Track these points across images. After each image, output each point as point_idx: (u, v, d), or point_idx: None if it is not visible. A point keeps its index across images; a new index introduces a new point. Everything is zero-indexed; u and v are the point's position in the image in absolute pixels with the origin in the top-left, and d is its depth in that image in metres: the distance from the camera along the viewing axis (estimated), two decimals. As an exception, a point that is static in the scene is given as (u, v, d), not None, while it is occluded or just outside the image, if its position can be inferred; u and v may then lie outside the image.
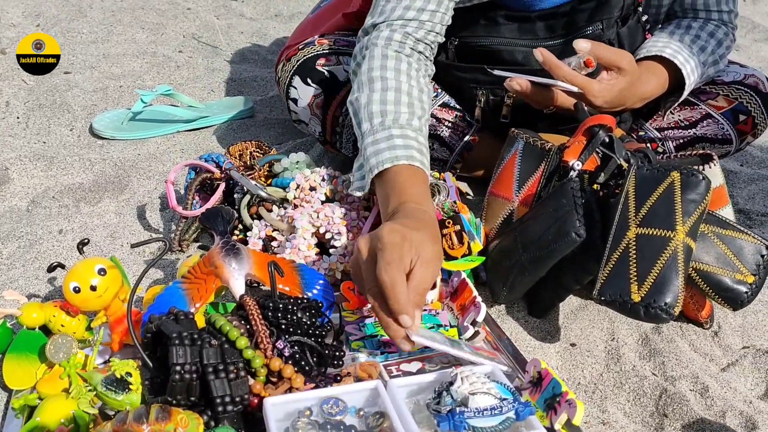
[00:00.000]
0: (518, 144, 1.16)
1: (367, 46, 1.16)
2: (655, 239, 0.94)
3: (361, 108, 1.10)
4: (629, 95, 1.20)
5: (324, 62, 1.34)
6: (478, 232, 1.15)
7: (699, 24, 1.34)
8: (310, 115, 1.36)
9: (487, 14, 1.30)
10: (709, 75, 1.33)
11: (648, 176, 0.99)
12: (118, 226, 1.28)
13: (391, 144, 1.04)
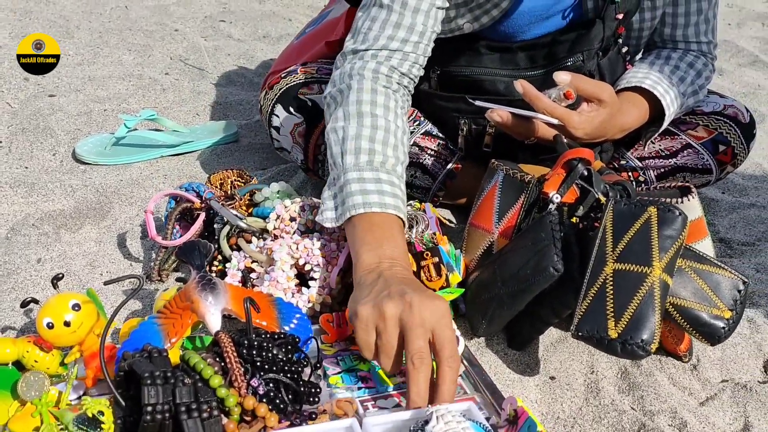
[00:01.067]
0: (498, 176, 1.16)
1: (352, 75, 1.14)
2: (632, 275, 0.94)
3: (348, 139, 1.07)
4: (609, 127, 1.20)
5: (306, 91, 1.34)
6: (458, 263, 1.15)
7: (678, 54, 1.35)
8: (292, 144, 1.36)
9: (470, 44, 1.31)
10: (688, 105, 1.34)
11: (625, 211, 0.99)
12: (97, 254, 1.27)
13: (380, 189, 1.02)
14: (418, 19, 1.16)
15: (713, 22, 1.36)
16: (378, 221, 1.00)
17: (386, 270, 0.93)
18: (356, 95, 1.11)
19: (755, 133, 1.39)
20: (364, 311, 0.87)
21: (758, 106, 2.17)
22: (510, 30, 1.29)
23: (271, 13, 2.83)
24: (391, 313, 0.85)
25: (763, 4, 3.43)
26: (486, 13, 1.25)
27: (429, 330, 0.84)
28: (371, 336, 0.87)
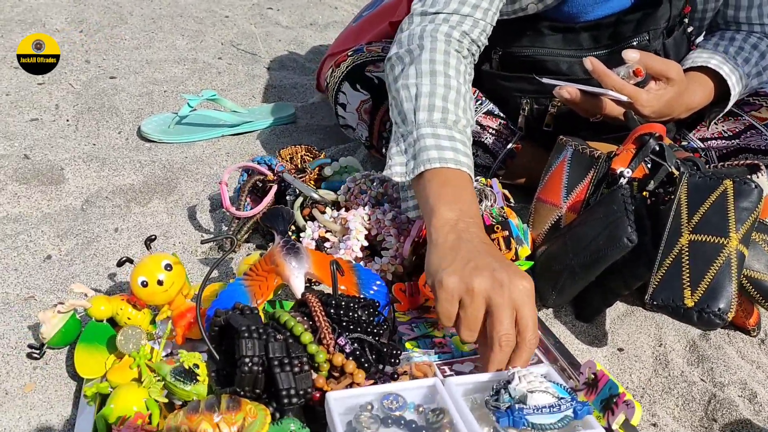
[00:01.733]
0: (567, 151, 1.18)
1: (423, 36, 1.12)
2: (708, 246, 0.95)
3: (422, 96, 1.05)
4: (676, 105, 1.21)
5: (373, 68, 1.36)
6: (526, 237, 1.16)
7: (743, 36, 1.35)
8: (357, 120, 1.38)
9: (532, 25, 1.32)
10: (752, 86, 1.34)
11: (700, 184, 1.01)
12: (170, 225, 1.31)
13: (454, 146, 1.02)
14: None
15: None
16: (452, 177, 0.99)
17: (464, 231, 0.92)
18: (429, 54, 1.09)
19: (820, 113, 1.39)
20: (450, 282, 0.85)
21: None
22: (574, 10, 1.30)
23: (318, 1, 2.86)
24: (481, 288, 0.83)
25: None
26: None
27: (515, 310, 0.84)
28: (454, 307, 0.86)
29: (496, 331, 0.83)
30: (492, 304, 0.83)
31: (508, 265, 0.87)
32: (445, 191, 0.97)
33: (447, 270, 0.86)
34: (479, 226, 0.95)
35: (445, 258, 0.89)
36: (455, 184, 0.99)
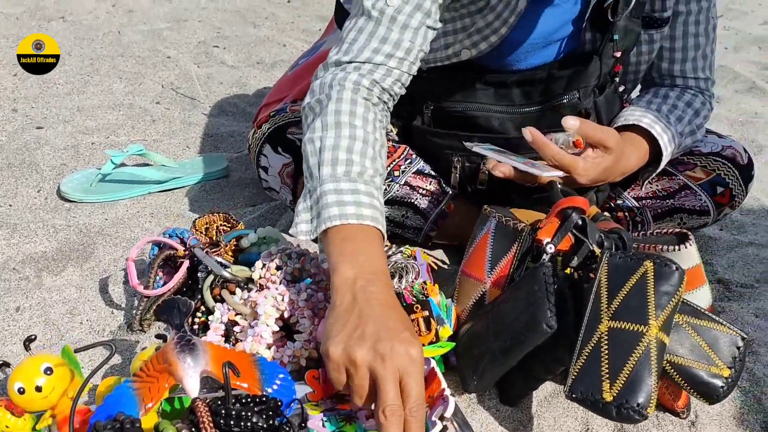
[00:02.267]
0: (490, 223, 1.13)
1: (332, 85, 1.09)
2: (628, 334, 0.91)
3: (326, 150, 1.03)
4: (612, 171, 1.18)
5: (295, 130, 1.31)
6: (449, 314, 1.11)
7: (676, 93, 1.32)
8: (280, 184, 1.33)
9: (464, 78, 1.29)
10: (686, 145, 1.31)
11: (621, 265, 0.96)
12: (78, 301, 1.24)
13: (357, 200, 0.98)
14: (405, 36, 1.13)
15: (711, 58, 1.34)
16: (354, 233, 0.96)
17: (362, 290, 0.89)
18: (335, 105, 1.07)
19: (753, 174, 1.36)
20: (335, 352, 0.84)
21: (755, 135, 2.14)
22: (507, 58, 1.27)
23: (266, 39, 2.81)
24: (363, 360, 0.83)
25: (760, 27, 3.42)
26: (485, 39, 1.22)
27: (399, 379, 0.82)
28: (342, 375, 0.85)
29: (381, 402, 0.81)
30: (375, 376, 0.82)
31: (396, 333, 0.85)
32: (345, 248, 0.95)
33: (334, 339, 0.85)
34: (382, 282, 0.92)
35: (336, 323, 0.87)
36: (357, 239, 0.96)
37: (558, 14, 1.21)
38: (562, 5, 1.21)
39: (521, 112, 1.27)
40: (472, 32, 1.21)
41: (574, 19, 1.22)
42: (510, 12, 1.17)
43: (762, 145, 2.06)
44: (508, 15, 1.18)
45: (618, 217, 1.39)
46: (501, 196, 1.31)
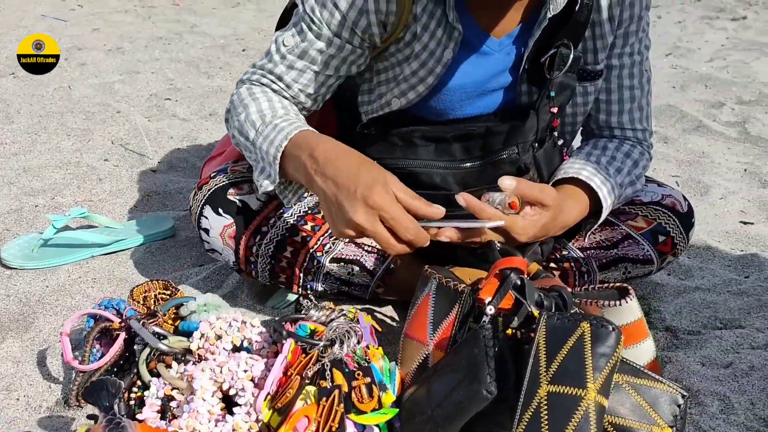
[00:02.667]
0: (431, 284, 1.13)
1: (244, 87, 1.23)
2: (566, 398, 0.90)
3: (243, 124, 1.17)
4: (551, 227, 1.18)
5: (236, 191, 1.30)
6: (393, 378, 1.10)
7: (615, 144, 1.34)
8: (222, 245, 1.31)
9: (404, 135, 1.29)
10: (627, 195, 1.33)
11: (558, 326, 0.96)
12: (15, 376, 1.20)
13: (279, 128, 1.12)
14: (289, 74, 1.21)
15: (647, 110, 1.36)
16: (292, 148, 1.10)
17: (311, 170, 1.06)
18: (236, 98, 1.23)
19: (694, 222, 1.38)
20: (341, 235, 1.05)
21: (701, 175, 2.18)
22: (441, 107, 1.27)
23: (219, 89, 2.81)
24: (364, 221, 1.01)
25: (706, 65, 3.50)
26: (412, 88, 1.23)
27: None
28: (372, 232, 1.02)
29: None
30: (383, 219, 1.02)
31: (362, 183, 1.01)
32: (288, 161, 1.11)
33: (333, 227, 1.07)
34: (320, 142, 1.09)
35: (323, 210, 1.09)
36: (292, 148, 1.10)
37: (490, 64, 1.23)
38: (494, 54, 1.22)
39: (462, 168, 1.27)
40: (400, 81, 1.22)
41: (509, 69, 1.24)
42: (436, 62, 1.19)
43: (708, 186, 2.09)
44: (434, 65, 1.19)
45: (564, 268, 1.40)
46: (447, 253, 1.30)
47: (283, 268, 1.31)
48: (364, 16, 1.16)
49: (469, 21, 1.19)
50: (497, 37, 1.21)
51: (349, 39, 1.18)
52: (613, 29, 1.25)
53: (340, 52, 1.19)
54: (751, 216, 1.95)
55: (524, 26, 1.22)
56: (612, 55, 1.29)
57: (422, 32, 1.18)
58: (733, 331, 1.38)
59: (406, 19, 1.17)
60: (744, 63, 3.50)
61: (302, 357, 1.06)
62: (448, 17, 1.16)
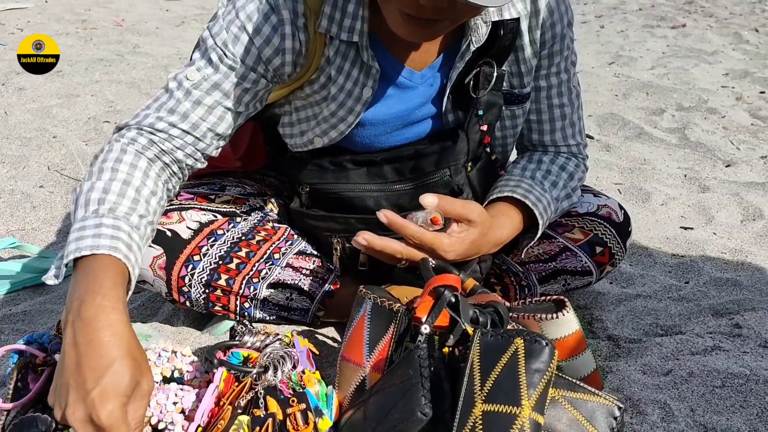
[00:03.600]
0: (366, 305, 1.11)
1: (110, 142, 1.11)
2: (501, 417, 0.89)
3: (81, 195, 1.02)
4: (483, 243, 1.17)
5: (165, 220, 1.26)
6: (330, 403, 1.07)
7: (550, 158, 1.34)
8: (153, 277, 1.27)
9: (334, 159, 1.27)
10: (563, 208, 1.33)
11: (492, 344, 0.95)
12: (-65, 419, 1.14)
13: (98, 232, 0.95)
14: (196, 111, 1.13)
15: (579, 125, 1.36)
16: (90, 264, 0.93)
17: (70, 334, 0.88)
18: (103, 156, 1.08)
19: (630, 230, 1.39)
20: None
21: (643, 182, 2.21)
22: (367, 140, 1.26)
23: (160, 110, 2.76)
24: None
25: (647, 72, 3.57)
26: (334, 128, 1.22)
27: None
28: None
29: None
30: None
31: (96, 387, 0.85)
32: (78, 279, 0.93)
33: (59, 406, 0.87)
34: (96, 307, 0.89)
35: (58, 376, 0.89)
36: (89, 268, 0.93)
37: (413, 96, 1.22)
38: (417, 87, 1.21)
39: (395, 190, 1.26)
40: (321, 121, 1.21)
41: (433, 99, 1.23)
42: (355, 101, 1.17)
43: (649, 193, 2.12)
44: (353, 104, 1.18)
45: (504, 283, 1.39)
46: (385, 275, 1.29)
47: (218, 296, 1.27)
48: (280, 55, 1.14)
49: (386, 56, 1.18)
50: (418, 70, 1.20)
51: (263, 74, 1.15)
52: (536, 52, 1.25)
53: (254, 86, 1.15)
54: (691, 221, 1.97)
55: (446, 55, 1.21)
56: (539, 77, 1.29)
57: (337, 75, 1.17)
58: (673, 338, 1.38)
59: (318, 62, 1.16)
60: (684, 70, 3.58)
61: (235, 385, 1.04)
62: (363, 58, 1.15)
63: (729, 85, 3.37)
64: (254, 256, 1.27)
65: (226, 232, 1.27)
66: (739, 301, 1.52)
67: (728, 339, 1.39)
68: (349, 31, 1.13)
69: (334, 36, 1.13)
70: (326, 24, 1.12)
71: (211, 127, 1.15)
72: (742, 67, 3.66)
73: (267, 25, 1.12)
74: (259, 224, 1.31)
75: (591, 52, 3.95)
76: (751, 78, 3.45)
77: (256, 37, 1.12)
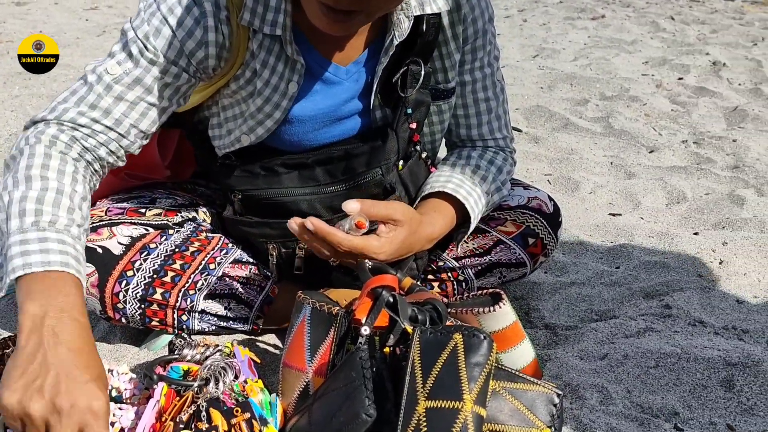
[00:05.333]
0: (305, 310, 1.10)
1: (28, 139, 1.06)
2: (444, 412, 0.90)
3: (13, 203, 0.99)
4: (414, 241, 1.18)
5: (95, 237, 1.23)
6: (274, 411, 1.07)
7: (478, 153, 1.36)
8: (86, 295, 1.24)
9: (265, 164, 1.26)
10: (495, 201, 1.35)
11: (432, 341, 0.96)
12: None
13: (45, 248, 0.95)
14: (118, 107, 1.11)
15: (505, 118, 1.39)
16: (42, 279, 0.92)
17: (48, 333, 0.88)
18: (27, 160, 1.03)
19: (561, 221, 1.42)
20: (9, 402, 0.84)
21: (571, 172, 2.26)
22: (294, 138, 1.25)
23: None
24: (38, 415, 0.84)
25: (571, 64, 3.66)
26: (260, 124, 1.21)
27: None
28: (18, 425, 0.85)
29: None
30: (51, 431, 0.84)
31: (79, 385, 0.86)
32: (32, 289, 0.92)
33: (10, 388, 0.85)
34: (73, 322, 0.91)
35: (15, 370, 0.86)
36: (45, 284, 0.92)
37: (339, 92, 1.22)
38: (343, 82, 1.22)
39: (328, 192, 1.25)
40: (247, 117, 1.20)
41: (360, 95, 1.23)
42: (281, 96, 1.17)
43: (578, 182, 2.17)
44: (279, 99, 1.17)
45: (442, 279, 1.41)
46: (322, 278, 1.29)
47: (155, 311, 1.25)
48: (203, 48, 1.12)
49: (311, 51, 1.18)
50: (343, 65, 1.21)
51: (185, 68, 1.14)
52: (459, 47, 1.27)
53: (176, 81, 1.14)
54: (619, 207, 2.03)
55: (371, 50, 1.22)
56: (463, 72, 1.31)
57: (262, 69, 1.16)
58: (607, 322, 1.43)
59: (243, 56, 1.16)
60: (605, 60, 3.68)
61: (176, 400, 1.02)
62: (287, 52, 1.15)
63: (649, 73, 3.48)
64: (189, 268, 1.25)
65: (158, 245, 1.24)
66: (668, 283, 1.57)
67: (659, 320, 1.44)
68: (272, 24, 1.12)
69: (257, 29, 1.13)
70: (249, 17, 1.12)
71: (134, 123, 1.13)
72: (661, 55, 3.78)
73: (189, 17, 1.11)
74: (193, 235, 1.29)
75: (515, 46, 4.02)
76: (670, 65, 3.57)
77: (178, 30, 1.11)
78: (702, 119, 2.81)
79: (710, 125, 2.75)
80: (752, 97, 3.11)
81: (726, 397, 1.21)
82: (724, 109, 2.93)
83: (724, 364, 1.26)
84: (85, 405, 0.85)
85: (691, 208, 2.01)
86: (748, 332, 1.40)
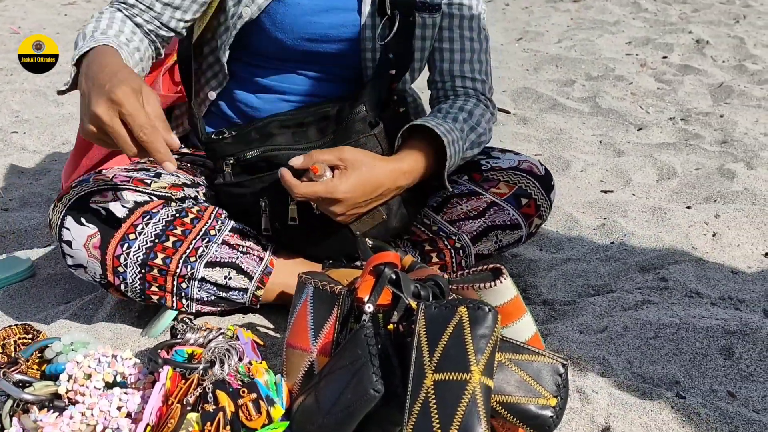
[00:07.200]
0: (307, 290, 1.10)
1: (95, 16, 1.30)
2: (452, 384, 0.90)
3: (79, 36, 1.25)
4: (379, 175, 1.22)
5: (99, 199, 1.23)
6: (279, 392, 1.07)
7: (459, 104, 1.41)
8: (87, 257, 1.23)
9: (260, 128, 1.34)
10: (473, 140, 1.35)
11: (436, 315, 0.96)
12: None
13: (93, 38, 1.20)
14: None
15: (486, 66, 1.45)
16: (88, 57, 1.14)
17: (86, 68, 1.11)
18: (98, 16, 1.30)
19: (553, 184, 1.44)
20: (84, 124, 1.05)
21: (561, 151, 2.27)
22: (288, 20, 1.32)
23: (70, 117, 2.67)
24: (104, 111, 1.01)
25: (555, 46, 3.66)
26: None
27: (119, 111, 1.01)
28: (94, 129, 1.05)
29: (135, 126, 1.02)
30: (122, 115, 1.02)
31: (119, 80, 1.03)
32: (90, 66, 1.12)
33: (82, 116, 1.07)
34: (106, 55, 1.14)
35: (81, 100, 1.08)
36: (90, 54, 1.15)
37: None
38: None
39: (318, 145, 1.31)
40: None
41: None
42: None
43: (568, 161, 2.18)
44: None
45: (439, 248, 1.41)
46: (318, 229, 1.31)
47: (154, 277, 1.24)
48: None
49: None
50: None
51: None
52: None
53: None
54: (610, 184, 2.04)
55: None
56: (452, 5, 1.39)
57: None
58: (605, 296, 1.43)
59: None
60: (589, 41, 3.69)
61: (182, 383, 1.02)
62: None
63: (633, 52, 3.49)
64: (190, 234, 1.26)
65: (161, 210, 1.25)
66: (663, 256, 1.59)
67: (656, 292, 1.45)
68: None
69: None
70: None
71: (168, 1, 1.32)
72: (644, 35, 3.79)
73: None
74: (191, 206, 1.31)
75: (499, 30, 4.02)
76: (653, 44, 3.58)
77: None
78: (688, 96, 2.83)
79: (696, 102, 2.77)
80: (737, 74, 3.13)
81: (726, 365, 1.22)
82: (710, 86, 2.95)
83: (723, 333, 1.27)
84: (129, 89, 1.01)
85: (682, 183, 2.02)
86: (744, 302, 1.42)
